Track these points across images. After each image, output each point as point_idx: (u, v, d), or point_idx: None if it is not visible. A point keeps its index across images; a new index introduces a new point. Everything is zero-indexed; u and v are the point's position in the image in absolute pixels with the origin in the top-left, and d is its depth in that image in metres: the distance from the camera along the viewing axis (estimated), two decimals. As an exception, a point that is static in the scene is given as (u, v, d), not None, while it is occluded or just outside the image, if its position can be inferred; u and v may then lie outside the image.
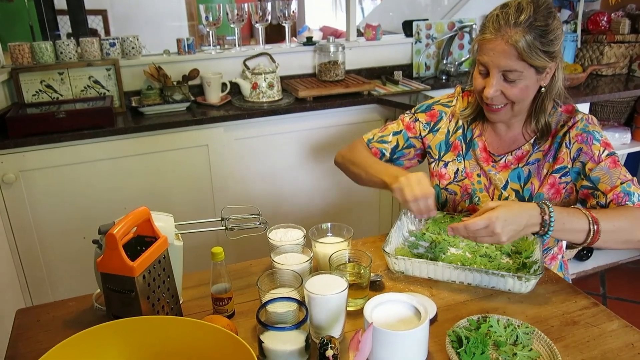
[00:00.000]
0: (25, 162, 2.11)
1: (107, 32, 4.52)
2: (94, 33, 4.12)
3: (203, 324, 0.93)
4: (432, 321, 1.15)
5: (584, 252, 3.06)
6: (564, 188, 1.42)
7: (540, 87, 1.37)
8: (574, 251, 2.99)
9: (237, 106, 2.47)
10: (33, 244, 2.22)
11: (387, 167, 1.49)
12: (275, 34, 2.78)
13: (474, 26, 2.89)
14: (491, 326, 1.08)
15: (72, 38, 3.22)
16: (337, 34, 5.30)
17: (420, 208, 1.31)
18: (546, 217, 1.19)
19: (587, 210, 1.25)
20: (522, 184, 1.46)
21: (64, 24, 3.64)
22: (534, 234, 1.23)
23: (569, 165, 1.40)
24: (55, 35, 3.36)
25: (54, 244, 2.26)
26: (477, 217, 1.17)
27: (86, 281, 2.30)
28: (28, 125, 2.08)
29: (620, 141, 2.92)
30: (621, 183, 1.32)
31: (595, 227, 1.21)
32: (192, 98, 2.46)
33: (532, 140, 1.46)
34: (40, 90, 2.32)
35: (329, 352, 0.91)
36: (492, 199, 1.50)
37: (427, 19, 3.00)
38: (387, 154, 1.61)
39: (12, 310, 2.07)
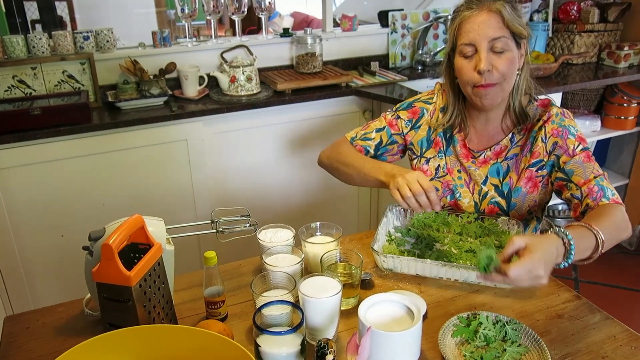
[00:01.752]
0: (0, 160, 2.06)
1: (73, 19, 4.41)
2: (59, 20, 4.01)
3: (202, 332, 0.94)
4: (423, 318, 1.18)
5: (556, 237, 3.14)
6: (540, 181, 1.47)
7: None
8: (547, 236, 3.07)
9: (216, 100, 2.45)
10: (9, 242, 2.18)
11: (381, 165, 1.48)
12: (244, 19, 2.75)
13: (449, 17, 2.91)
14: (481, 323, 1.12)
15: (37, 27, 3.14)
16: (308, 20, 5.26)
17: (417, 204, 1.31)
18: (567, 244, 1.13)
19: (587, 224, 1.19)
20: (501, 179, 1.50)
21: (27, 10, 3.54)
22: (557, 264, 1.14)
23: (545, 159, 1.44)
24: (21, 23, 3.27)
25: (31, 243, 2.23)
26: (518, 263, 1.04)
27: (65, 279, 2.29)
28: (2, 123, 2.03)
29: (590, 128, 3.00)
30: (594, 177, 1.36)
31: (602, 239, 1.18)
32: (170, 92, 2.43)
33: (510, 135, 1.49)
34: (12, 86, 2.26)
35: (329, 357, 0.92)
36: (472, 195, 1.53)
37: (402, 9, 3.01)
38: (372, 151, 1.62)
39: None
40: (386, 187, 1.41)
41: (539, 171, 1.45)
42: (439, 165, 1.56)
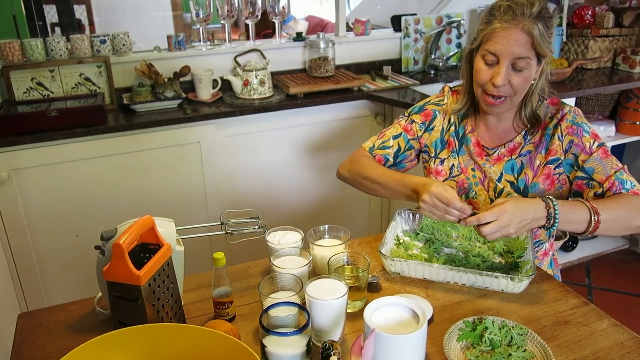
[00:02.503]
0: (18, 161, 2.10)
1: (91, 23, 4.47)
2: (78, 24, 4.07)
3: (209, 332, 0.96)
4: (429, 322, 1.19)
5: (569, 243, 3.13)
6: (557, 179, 1.48)
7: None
8: (560, 242, 3.06)
9: (229, 103, 2.47)
10: (25, 241, 2.22)
11: (404, 180, 1.45)
12: (259, 23, 2.79)
13: (461, 21, 2.92)
14: (486, 327, 1.12)
15: (57, 30, 3.19)
16: (322, 24, 5.29)
17: (455, 217, 1.29)
18: (551, 210, 1.27)
19: (587, 202, 1.32)
20: (516, 175, 1.51)
21: (47, 13, 3.61)
22: (541, 227, 1.30)
23: (562, 157, 1.45)
24: (40, 26, 3.32)
25: (46, 242, 2.27)
26: (488, 210, 1.24)
27: (79, 278, 2.33)
28: (20, 124, 2.08)
29: (604, 134, 2.98)
30: (614, 172, 1.39)
31: (596, 217, 1.29)
32: (184, 95, 2.46)
33: (523, 133, 1.51)
34: (31, 88, 2.31)
35: (333, 358, 0.94)
36: (487, 192, 1.54)
37: (415, 14, 3.01)
38: (391, 159, 1.62)
39: (6, 308, 2.08)
40: (416, 201, 1.41)
41: (557, 169, 1.47)
42: (452, 165, 1.58)
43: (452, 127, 1.58)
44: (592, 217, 1.29)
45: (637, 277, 3.02)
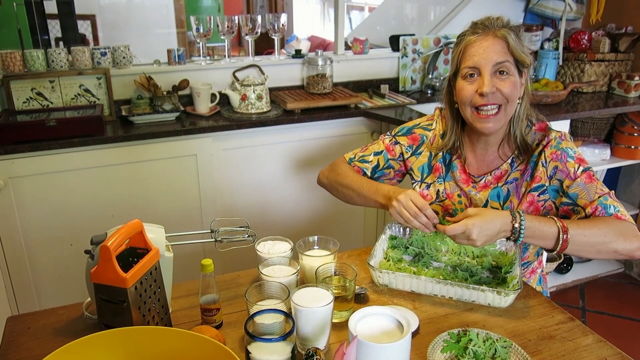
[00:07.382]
0: (15, 169, 2.12)
1: (95, 38, 4.52)
2: (82, 38, 4.12)
3: (193, 335, 0.96)
4: (415, 334, 1.19)
5: (564, 265, 3.13)
6: (542, 206, 1.47)
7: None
8: (554, 264, 3.06)
9: (226, 117, 2.50)
10: (20, 249, 2.23)
11: (377, 187, 1.52)
12: (263, 42, 2.82)
13: (458, 42, 2.96)
14: (471, 339, 1.13)
15: (61, 44, 3.23)
16: (324, 44, 5.36)
17: (419, 224, 1.36)
18: (517, 224, 1.29)
19: (559, 220, 1.32)
20: (502, 203, 1.51)
21: (52, 28, 3.66)
22: (507, 239, 1.33)
23: (547, 184, 1.45)
24: (44, 40, 3.37)
25: (41, 250, 2.27)
26: (456, 223, 1.27)
27: (72, 288, 2.33)
28: (18, 133, 2.10)
29: (599, 157, 3.00)
30: (599, 197, 1.38)
31: (565, 236, 1.29)
32: (182, 108, 2.49)
33: (509, 160, 1.50)
34: (30, 98, 2.33)
35: (315, 363, 0.94)
36: None
37: (413, 34, 3.06)
38: (369, 173, 1.64)
39: (-2, 315, 2.06)
40: (386, 209, 1.45)
41: (541, 196, 1.46)
42: (439, 190, 1.58)
43: (440, 154, 1.57)
44: (560, 235, 1.29)
45: (631, 300, 3.01)
